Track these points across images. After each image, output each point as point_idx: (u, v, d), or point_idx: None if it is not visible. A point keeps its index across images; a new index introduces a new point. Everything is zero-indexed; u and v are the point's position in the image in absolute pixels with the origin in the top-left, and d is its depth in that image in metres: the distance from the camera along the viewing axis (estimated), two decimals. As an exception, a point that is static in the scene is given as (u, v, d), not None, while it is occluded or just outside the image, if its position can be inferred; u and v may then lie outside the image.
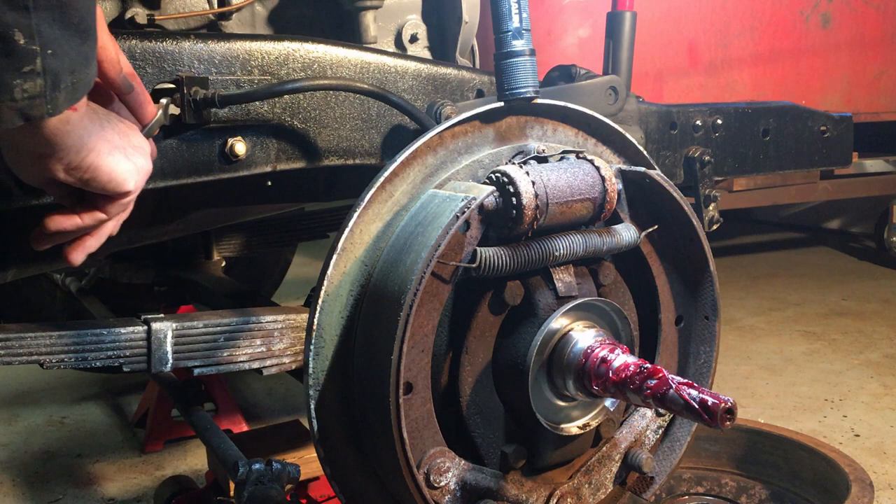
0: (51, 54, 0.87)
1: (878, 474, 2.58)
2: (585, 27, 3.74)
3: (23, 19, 0.84)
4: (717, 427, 1.03)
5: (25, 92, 0.87)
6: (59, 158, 0.98)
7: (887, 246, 5.26)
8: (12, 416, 3.26)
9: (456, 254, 1.16)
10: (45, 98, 0.89)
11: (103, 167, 1.03)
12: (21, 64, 0.85)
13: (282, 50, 1.41)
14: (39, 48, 0.86)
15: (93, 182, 1.03)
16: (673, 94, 4.03)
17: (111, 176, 1.04)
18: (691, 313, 1.46)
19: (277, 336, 1.64)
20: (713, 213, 1.85)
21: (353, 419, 1.22)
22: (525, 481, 1.29)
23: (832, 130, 2.11)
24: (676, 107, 1.86)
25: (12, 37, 0.84)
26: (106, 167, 1.03)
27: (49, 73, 0.88)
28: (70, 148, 0.98)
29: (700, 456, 2.33)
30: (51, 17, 0.86)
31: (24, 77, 0.86)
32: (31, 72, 0.86)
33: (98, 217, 1.10)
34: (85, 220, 1.09)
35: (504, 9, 1.28)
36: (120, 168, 1.05)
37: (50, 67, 0.88)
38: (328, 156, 1.48)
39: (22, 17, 0.84)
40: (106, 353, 1.49)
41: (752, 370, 3.56)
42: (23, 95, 0.87)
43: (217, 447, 1.83)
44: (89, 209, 1.09)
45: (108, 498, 2.62)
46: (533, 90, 1.30)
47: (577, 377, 1.20)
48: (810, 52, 4.37)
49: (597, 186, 1.25)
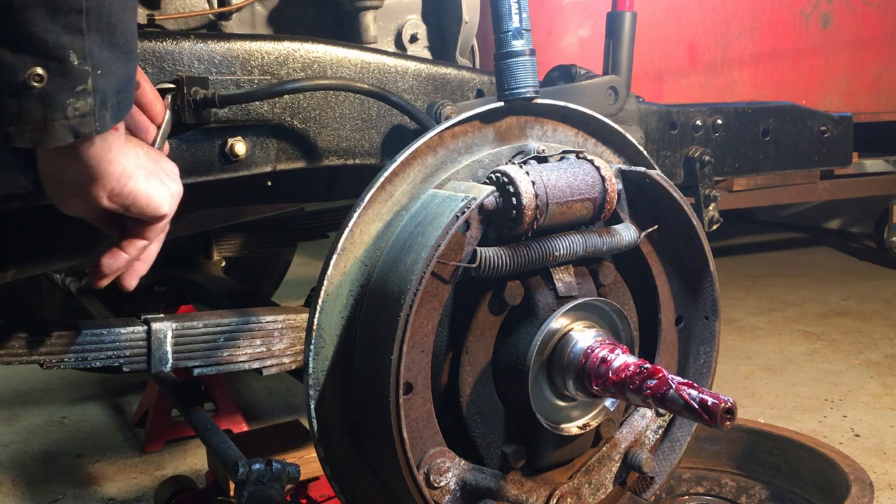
0: (100, 74, 0.92)
1: (878, 474, 2.58)
2: (585, 27, 3.74)
3: (77, 41, 0.89)
4: (717, 427, 1.03)
5: (77, 110, 0.92)
6: (103, 186, 1.03)
7: (887, 246, 5.26)
8: (12, 416, 3.25)
9: (456, 254, 1.16)
10: (94, 116, 0.94)
11: (142, 193, 1.08)
12: (74, 84, 0.90)
13: (282, 50, 1.41)
14: (91, 69, 0.91)
15: (133, 207, 1.08)
16: (673, 94, 4.03)
17: (149, 201, 1.09)
18: (691, 313, 1.46)
19: (277, 336, 1.64)
20: (713, 213, 1.85)
21: (353, 419, 1.22)
22: (525, 481, 1.29)
23: (832, 130, 2.11)
24: (676, 107, 1.86)
25: (68, 58, 0.89)
26: (145, 193, 1.08)
27: (98, 93, 0.93)
28: (112, 175, 1.03)
29: (700, 456, 2.33)
30: (101, 39, 0.91)
31: (76, 96, 0.91)
32: (82, 91, 0.91)
33: (141, 245, 1.16)
34: (132, 253, 1.16)
35: (504, 9, 1.28)
36: (157, 193, 1.10)
37: (99, 87, 0.92)
38: (328, 156, 1.48)
39: (76, 39, 0.89)
40: (106, 353, 1.49)
41: (752, 370, 3.56)
42: (74, 113, 0.92)
43: (217, 447, 1.83)
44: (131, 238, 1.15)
45: (108, 498, 2.62)
46: (533, 90, 1.30)
47: (577, 377, 1.20)
48: (810, 52, 4.37)
49: (597, 186, 1.25)
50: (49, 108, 0.90)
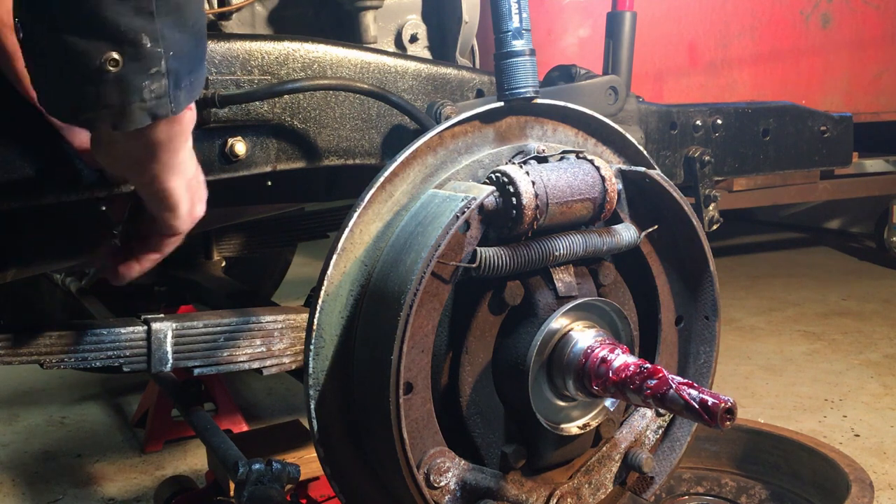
0: (172, 56, 0.93)
1: (878, 474, 2.58)
2: (585, 27, 3.74)
3: (148, 24, 0.90)
4: (717, 427, 1.03)
5: (153, 92, 0.93)
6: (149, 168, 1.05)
7: (887, 246, 5.26)
8: (12, 416, 3.25)
9: (456, 254, 1.16)
10: (169, 97, 0.95)
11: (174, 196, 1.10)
12: (149, 66, 0.91)
13: (282, 50, 1.41)
14: (163, 50, 0.92)
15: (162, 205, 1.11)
16: (673, 94, 4.02)
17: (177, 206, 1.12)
18: (691, 313, 1.46)
19: (277, 336, 1.64)
20: (713, 213, 1.85)
21: (353, 419, 1.22)
22: (525, 481, 1.29)
23: (832, 130, 2.11)
24: (676, 107, 1.86)
25: (140, 41, 0.90)
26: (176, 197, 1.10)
27: (172, 74, 0.94)
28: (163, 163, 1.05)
29: (700, 456, 2.32)
30: (171, 20, 0.92)
31: (151, 78, 0.92)
32: (157, 73, 0.92)
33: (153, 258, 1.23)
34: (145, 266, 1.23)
35: (504, 9, 1.28)
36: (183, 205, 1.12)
37: (172, 68, 0.94)
38: (328, 156, 1.48)
39: (147, 22, 0.89)
40: (106, 353, 1.49)
41: (752, 370, 3.56)
42: (150, 96, 0.93)
43: (217, 447, 1.83)
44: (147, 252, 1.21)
45: (108, 498, 2.62)
46: (533, 90, 1.30)
47: (577, 377, 1.20)
48: (810, 52, 4.37)
49: (597, 186, 1.25)
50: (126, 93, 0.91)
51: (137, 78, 0.91)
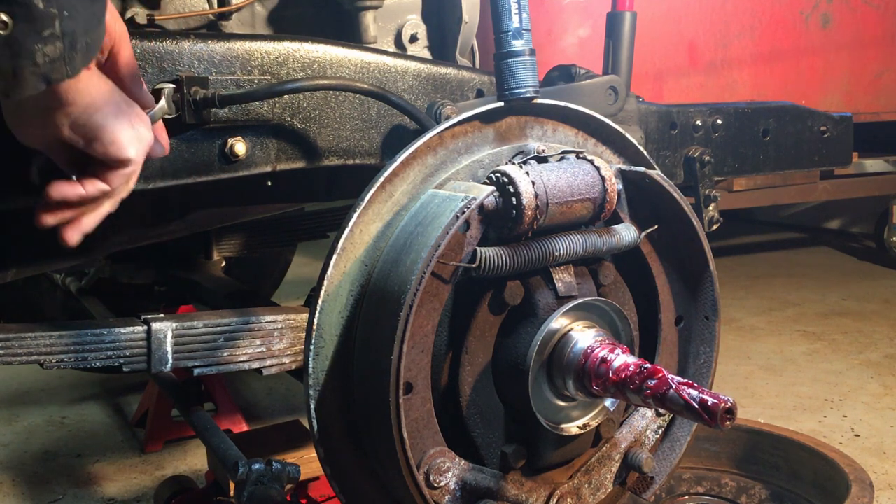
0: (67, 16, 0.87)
1: (878, 474, 2.58)
2: (585, 27, 3.74)
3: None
4: (717, 427, 1.03)
5: (46, 56, 0.87)
6: (67, 113, 0.97)
7: (887, 246, 5.26)
8: (12, 416, 3.25)
9: (456, 254, 1.16)
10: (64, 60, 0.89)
11: (108, 128, 1.01)
12: (42, 27, 0.86)
13: (282, 50, 1.41)
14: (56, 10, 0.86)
15: (96, 143, 1.01)
16: (673, 94, 4.02)
17: (114, 138, 1.02)
18: (691, 313, 1.46)
19: (277, 336, 1.64)
20: (713, 213, 1.85)
21: (353, 419, 1.22)
22: (525, 481, 1.29)
23: (832, 130, 2.11)
24: (676, 107, 1.86)
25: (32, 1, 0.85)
26: (110, 129, 1.01)
27: (67, 36, 0.88)
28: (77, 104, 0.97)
29: (700, 456, 2.33)
30: None
31: (44, 41, 0.87)
32: (50, 35, 0.87)
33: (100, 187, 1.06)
34: (88, 190, 1.05)
35: (504, 9, 1.28)
36: (124, 133, 1.03)
37: (67, 29, 0.88)
38: (328, 156, 1.48)
39: None
40: (106, 353, 1.49)
41: (752, 370, 3.56)
42: (44, 60, 0.87)
43: (217, 447, 1.82)
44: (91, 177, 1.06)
45: (108, 498, 2.62)
46: (533, 90, 1.30)
47: (577, 377, 1.20)
48: (810, 52, 4.37)
49: (597, 186, 1.25)
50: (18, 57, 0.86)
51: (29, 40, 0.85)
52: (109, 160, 1.04)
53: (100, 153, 1.03)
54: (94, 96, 0.99)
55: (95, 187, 1.06)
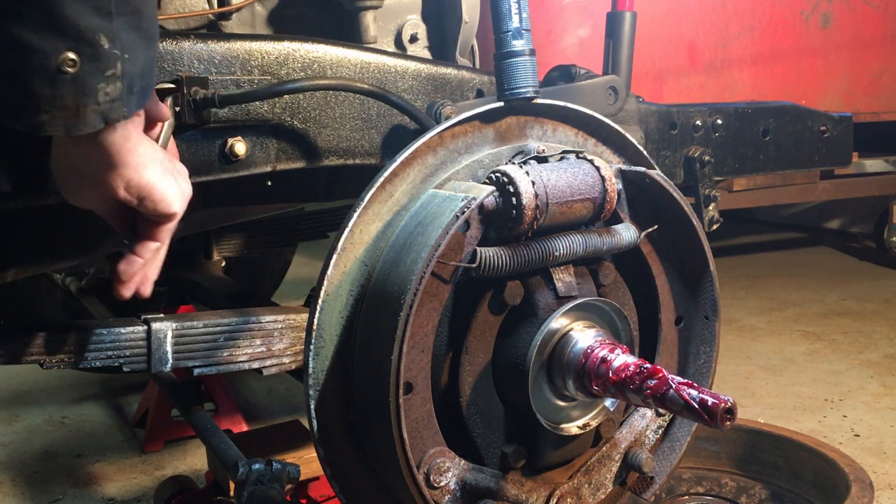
0: (127, 59, 0.91)
1: (878, 474, 2.58)
2: (585, 27, 3.74)
3: (107, 24, 0.88)
4: (717, 427, 1.03)
5: (107, 95, 0.91)
6: (121, 175, 1.01)
7: (887, 246, 5.26)
8: (12, 416, 3.25)
9: (456, 254, 1.16)
10: (123, 101, 0.92)
11: (157, 186, 1.05)
12: (106, 67, 0.89)
13: (282, 50, 1.41)
14: (119, 52, 0.90)
15: (147, 201, 1.06)
16: (673, 94, 4.02)
17: (163, 196, 1.07)
18: (691, 313, 1.46)
19: (277, 336, 1.64)
20: (713, 213, 1.85)
21: (353, 419, 1.22)
22: (525, 481, 1.29)
23: (832, 130, 2.11)
24: (676, 107, 1.86)
25: (98, 41, 0.88)
26: (160, 186, 1.06)
27: (126, 77, 0.92)
28: (130, 164, 1.01)
29: (700, 456, 2.33)
30: (127, 22, 0.90)
31: (106, 81, 0.90)
32: (112, 76, 0.90)
33: (153, 248, 1.14)
34: (145, 256, 1.13)
35: (504, 9, 1.28)
36: (170, 189, 1.08)
37: (127, 72, 0.91)
38: (328, 156, 1.48)
39: (106, 22, 0.87)
40: (106, 353, 1.49)
41: (752, 370, 3.56)
42: (105, 98, 0.91)
43: (217, 447, 1.82)
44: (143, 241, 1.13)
45: (108, 498, 2.62)
46: (533, 90, 1.30)
47: (577, 377, 1.20)
48: (810, 52, 4.37)
49: (597, 186, 1.25)
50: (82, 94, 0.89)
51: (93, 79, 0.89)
52: (158, 216, 1.10)
53: (150, 210, 1.08)
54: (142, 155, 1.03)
55: (150, 250, 1.14)
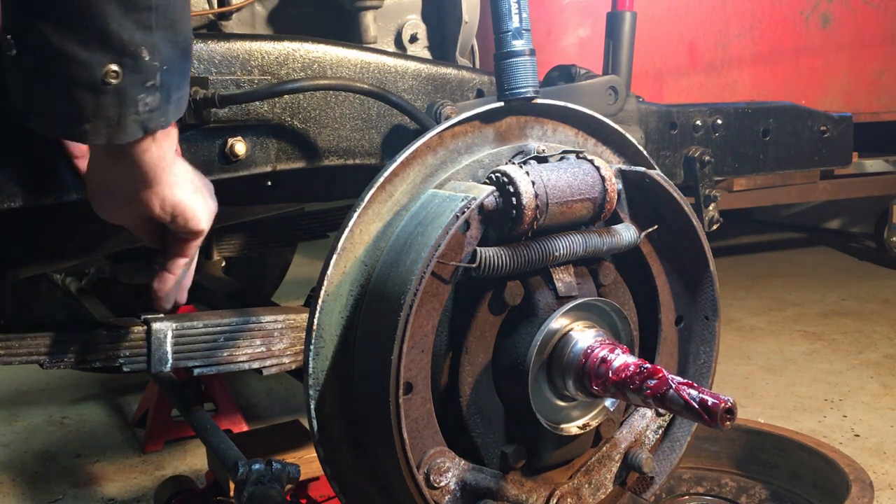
0: (165, 70, 0.94)
1: (878, 474, 2.58)
2: (585, 27, 3.74)
3: (148, 38, 0.91)
4: (717, 427, 1.03)
5: (147, 105, 0.94)
6: (157, 192, 1.06)
7: (887, 246, 5.26)
8: (12, 416, 3.25)
9: (456, 254, 1.16)
10: (161, 111, 0.96)
11: (189, 205, 1.10)
12: (146, 79, 0.93)
13: (282, 50, 1.41)
14: (159, 64, 0.93)
15: (179, 218, 1.11)
16: (673, 94, 4.03)
17: (194, 213, 1.12)
18: (691, 313, 1.46)
19: (277, 336, 1.64)
20: (713, 213, 1.85)
21: (353, 419, 1.22)
22: (525, 481, 1.29)
23: (832, 130, 2.11)
24: (676, 107, 1.86)
25: (140, 54, 0.91)
26: (191, 205, 1.11)
27: (164, 88, 0.95)
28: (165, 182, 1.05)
29: (700, 456, 2.33)
30: (165, 35, 0.93)
31: (146, 91, 0.94)
32: (152, 86, 0.94)
33: (182, 263, 1.21)
34: (177, 273, 1.21)
35: (504, 9, 1.28)
36: (199, 207, 1.13)
37: (164, 82, 0.95)
38: (328, 156, 1.48)
39: (147, 35, 0.91)
40: (106, 353, 1.49)
41: (752, 370, 3.56)
42: (145, 108, 0.94)
43: (217, 447, 1.82)
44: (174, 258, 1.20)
45: (108, 498, 2.62)
46: (533, 90, 1.30)
47: (577, 377, 1.20)
48: (810, 52, 4.37)
49: (597, 186, 1.25)
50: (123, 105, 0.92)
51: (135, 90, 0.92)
52: (188, 233, 1.15)
53: (180, 227, 1.13)
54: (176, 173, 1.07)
55: (180, 265, 1.22)
